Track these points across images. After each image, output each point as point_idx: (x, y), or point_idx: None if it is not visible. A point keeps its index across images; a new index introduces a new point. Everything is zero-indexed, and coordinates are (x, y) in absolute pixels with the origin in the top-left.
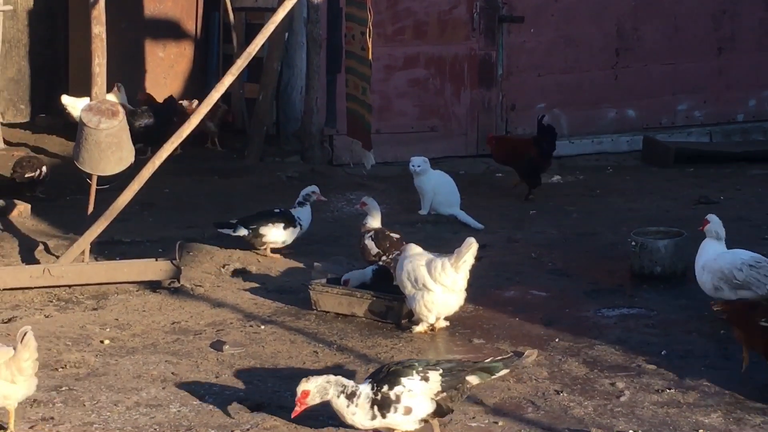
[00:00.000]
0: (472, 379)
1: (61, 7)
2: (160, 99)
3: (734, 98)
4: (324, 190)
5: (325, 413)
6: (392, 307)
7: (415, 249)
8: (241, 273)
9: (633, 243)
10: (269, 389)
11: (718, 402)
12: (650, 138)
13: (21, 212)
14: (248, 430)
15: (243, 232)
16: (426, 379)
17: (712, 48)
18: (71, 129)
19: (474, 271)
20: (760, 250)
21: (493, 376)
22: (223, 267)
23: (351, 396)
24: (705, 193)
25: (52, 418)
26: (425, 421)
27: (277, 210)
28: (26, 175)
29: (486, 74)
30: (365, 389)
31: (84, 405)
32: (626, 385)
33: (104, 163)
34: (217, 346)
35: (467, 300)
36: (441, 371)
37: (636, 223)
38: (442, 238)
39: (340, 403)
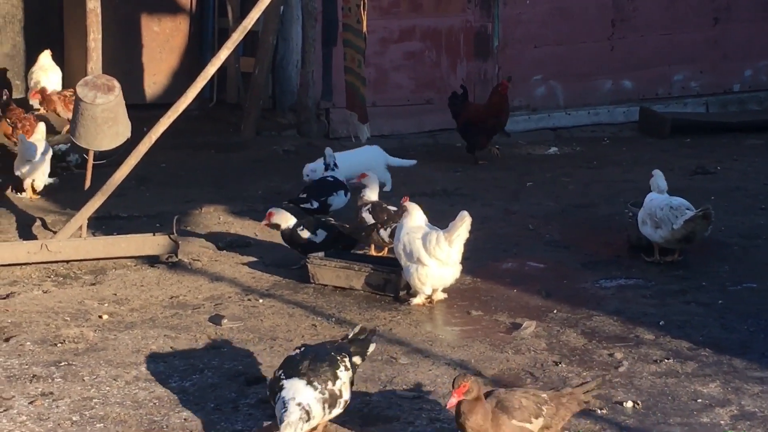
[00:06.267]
0: (357, 360)
1: None
2: (160, 73)
3: (730, 68)
4: None
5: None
6: (390, 279)
7: (416, 213)
8: (238, 247)
9: (630, 214)
10: (267, 363)
11: (716, 371)
12: (647, 109)
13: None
14: (246, 403)
15: (316, 204)
16: (347, 368)
17: (708, 18)
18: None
19: (472, 243)
20: (757, 220)
21: (367, 353)
22: (221, 241)
23: (308, 414)
24: (701, 164)
25: (52, 393)
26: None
27: (329, 178)
28: None
29: (482, 46)
30: (309, 393)
31: (83, 380)
32: (624, 356)
33: (101, 138)
34: (216, 320)
35: (465, 272)
36: (347, 357)
37: (632, 194)
38: (437, 210)
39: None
